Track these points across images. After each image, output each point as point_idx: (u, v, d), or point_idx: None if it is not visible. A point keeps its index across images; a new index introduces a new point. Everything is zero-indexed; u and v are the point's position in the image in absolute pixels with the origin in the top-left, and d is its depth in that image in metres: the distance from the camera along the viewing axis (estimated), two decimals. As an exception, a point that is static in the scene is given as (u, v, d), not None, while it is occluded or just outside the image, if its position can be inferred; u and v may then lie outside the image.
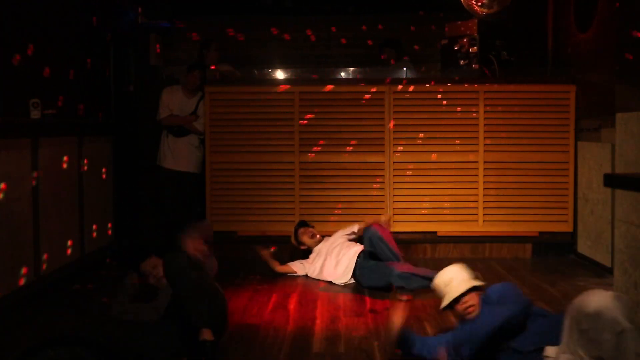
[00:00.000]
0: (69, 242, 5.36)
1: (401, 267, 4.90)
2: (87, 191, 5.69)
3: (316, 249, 5.60)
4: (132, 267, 4.35)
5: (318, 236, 5.69)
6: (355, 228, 5.62)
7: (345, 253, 5.34)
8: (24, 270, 4.61)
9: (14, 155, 4.51)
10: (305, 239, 5.68)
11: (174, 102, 6.32)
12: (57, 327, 4.16)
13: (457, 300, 3.43)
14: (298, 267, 5.57)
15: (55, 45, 5.27)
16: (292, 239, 5.75)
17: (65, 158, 5.31)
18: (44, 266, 4.90)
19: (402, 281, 4.76)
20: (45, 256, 4.91)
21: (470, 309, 3.41)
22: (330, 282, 5.33)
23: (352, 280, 5.27)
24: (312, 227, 5.77)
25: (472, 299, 3.42)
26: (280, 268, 5.56)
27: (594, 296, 2.79)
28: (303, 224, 5.79)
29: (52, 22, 5.21)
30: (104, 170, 6.14)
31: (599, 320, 2.71)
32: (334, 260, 5.35)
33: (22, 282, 4.58)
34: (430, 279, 3.82)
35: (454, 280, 3.46)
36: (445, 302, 3.47)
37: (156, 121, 6.38)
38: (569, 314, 2.94)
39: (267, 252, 5.57)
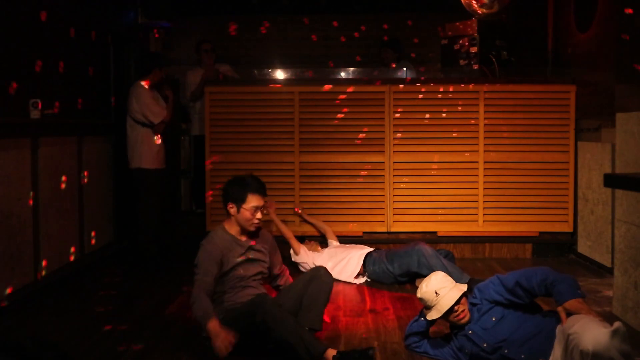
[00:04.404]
0: (69, 242, 5.36)
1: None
2: (86, 191, 5.69)
3: (323, 250, 5.61)
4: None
5: (313, 242, 5.71)
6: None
7: (355, 253, 5.38)
8: (23, 271, 4.61)
9: (14, 155, 4.51)
10: (310, 248, 5.68)
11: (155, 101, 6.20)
12: (57, 328, 4.17)
13: (450, 309, 3.39)
14: (303, 252, 5.55)
15: (56, 45, 5.27)
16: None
17: (65, 158, 5.31)
18: (44, 266, 4.90)
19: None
20: (45, 256, 4.91)
21: (462, 315, 3.39)
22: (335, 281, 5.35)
23: (361, 280, 5.31)
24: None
25: (463, 305, 3.41)
26: (285, 230, 5.65)
27: (592, 334, 2.78)
28: (300, 241, 5.78)
29: (52, 21, 5.21)
30: (103, 170, 6.14)
31: None
32: (344, 259, 5.37)
33: (21, 282, 4.58)
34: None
35: (442, 289, 3.40)
36: (438, 314, 3.40)
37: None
38: (561, 340, 2.97)
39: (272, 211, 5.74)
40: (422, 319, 3.56)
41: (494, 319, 3.32)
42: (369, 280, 5.35)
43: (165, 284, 5.28)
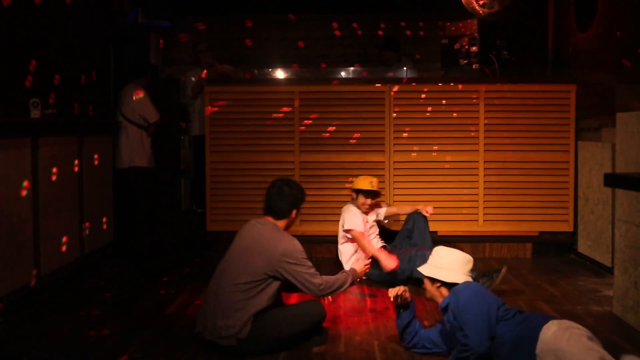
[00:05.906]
0: (69, 242, 5.35)
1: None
2: (86, 191, 5.69)
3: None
4: None
5: (369, 207, 5.55)
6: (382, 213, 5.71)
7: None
8: (24, 270, 4.61)
9: (13, 155, 4.51)
10: (361, 200, 5.49)
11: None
12: (57, 327, 4.17)
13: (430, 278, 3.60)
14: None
15: (56, 45, 5.26)
16: (355, 185, 5.55)
17: (65, 158, 5.31)
18: (44, 266, 4.89)
19: None
20: (45, 256, 4.91)
21: (427, 294, 3.64)
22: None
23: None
24: (381, 196, 5.73)
25: (432, 290, 3.57)
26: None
27: (579, 354, 2.86)
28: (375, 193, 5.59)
29: (52, 21, 5.21)
30: (103, 169, 6.14)
31: None
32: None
33: (22, 282, 4.58)
34: None
35: (444, 258, 3.63)
36: (424, 271, 3.59)
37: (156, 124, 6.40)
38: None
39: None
40: (401, 310, 3.68)
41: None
42: (364, 278, 5.33)
43: (165, 284, 5.28)
